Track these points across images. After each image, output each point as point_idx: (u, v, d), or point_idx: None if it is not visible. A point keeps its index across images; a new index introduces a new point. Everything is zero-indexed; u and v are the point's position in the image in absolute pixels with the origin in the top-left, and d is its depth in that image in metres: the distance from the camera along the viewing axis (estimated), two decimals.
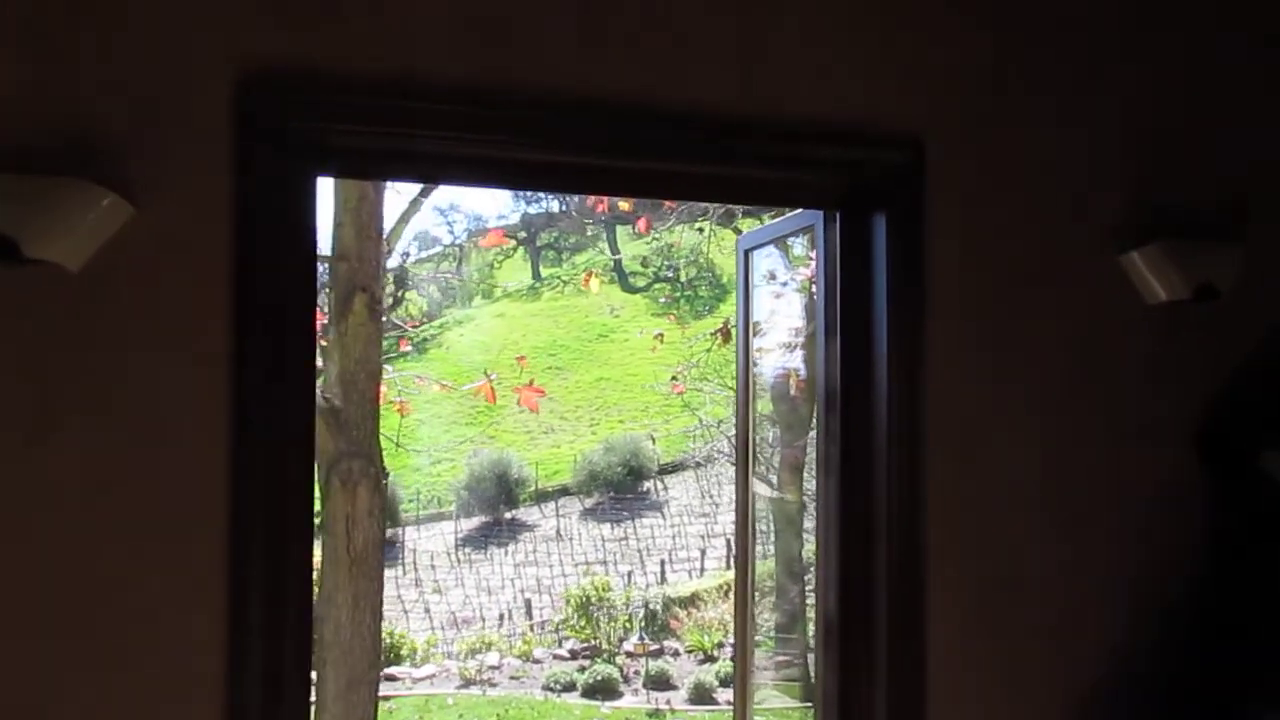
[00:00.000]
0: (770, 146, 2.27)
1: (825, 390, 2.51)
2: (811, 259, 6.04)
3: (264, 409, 1.96)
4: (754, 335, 3.23)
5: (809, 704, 9.81)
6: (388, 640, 13.59)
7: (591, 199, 9.83)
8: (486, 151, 2.07)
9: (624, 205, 10.27)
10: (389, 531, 25.74)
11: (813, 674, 10.37)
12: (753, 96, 2.24)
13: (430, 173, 2.16)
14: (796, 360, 8.55)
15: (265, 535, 1.95)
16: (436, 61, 2.04)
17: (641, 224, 9.04)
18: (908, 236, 2.39)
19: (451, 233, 51.60)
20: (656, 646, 12.94)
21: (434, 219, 54.09)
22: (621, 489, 27.42)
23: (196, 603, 1.94)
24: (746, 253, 3.12)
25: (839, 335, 2.46)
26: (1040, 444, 2.45)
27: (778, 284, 6.77)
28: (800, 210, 2.71)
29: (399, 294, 43.29)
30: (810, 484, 11.15)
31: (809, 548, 14.39)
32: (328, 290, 4.99)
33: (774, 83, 2.26)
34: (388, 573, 23.31)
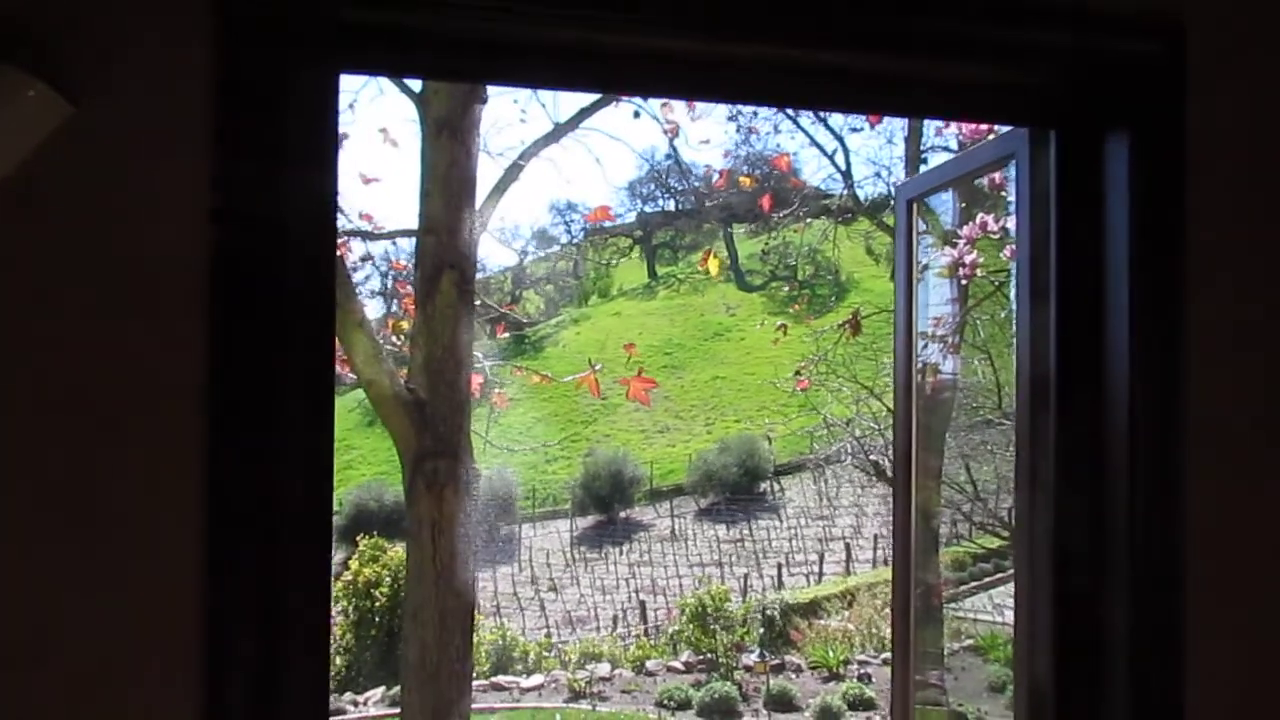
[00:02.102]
0: (960, 29, 1.60)
1: (1030, 379, 1.82)
2: (961, 235, 5.29)
3: (253, 440, 1.41)
4: (916, 310, 2.56)
5: None
6: (499, 641, 13.28)
7: (716, 174, 9.18)
8: (558, 33, 1.46)
9: (745, 181, 9.59)
10: (505, 529, 25.83)
11: (950, 698, 9.52)
12: None
13: (484, 65, 1.57)
14: (933, 355, 7.77)
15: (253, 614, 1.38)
16: None
17: (765, 202, 8.36)
18: (1160, 167, 1.71)
19: (569, 232, 51.84)
20: (777, 661, 12.20)
21: (551, 218, 54.39)
22: (737, 489, 26.88)
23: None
24: (910, 203, 2.44)
25: (1052, 306, 1.78)
26: None
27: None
28: (987, 138, 2.01)
29: (516, 292, 43.79)
30: (948, 492, 10.30)
31: (946, 550, 13.51)
32: (414, 268, 4.51)
33: None
34: (503, 570, 23.44)
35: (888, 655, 11.05)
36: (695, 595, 13.23)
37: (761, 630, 13.05)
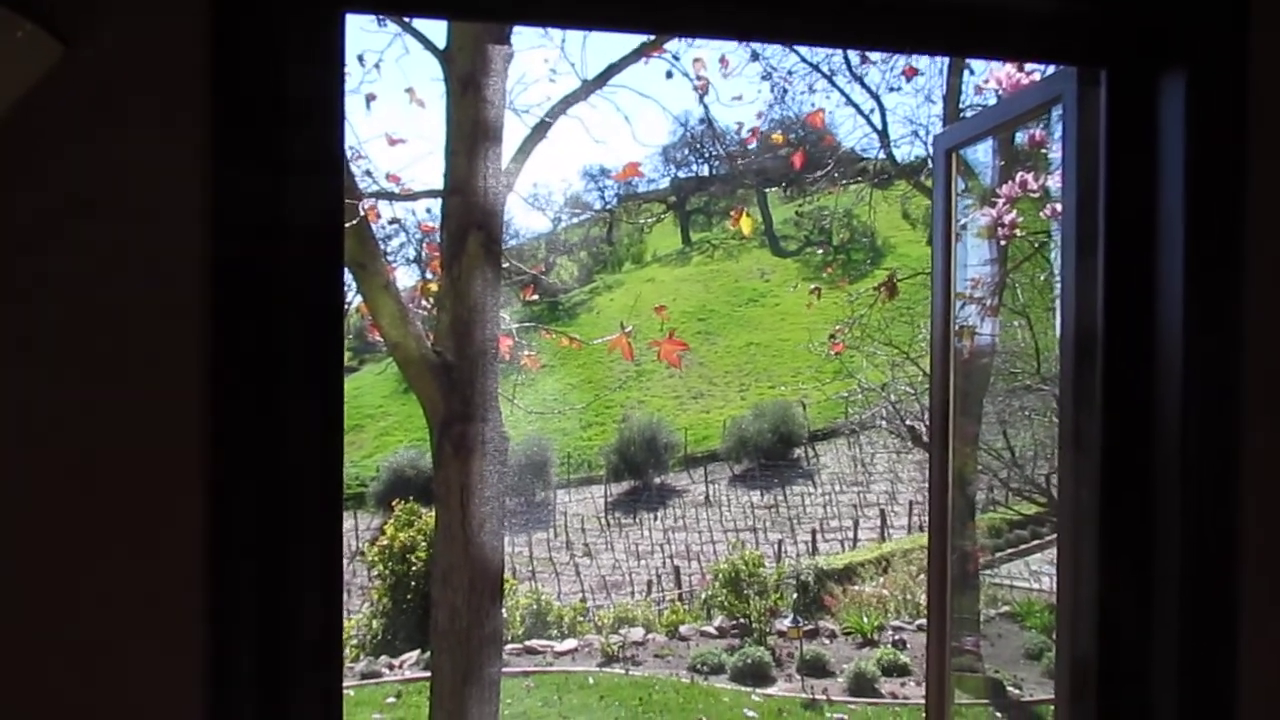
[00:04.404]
0: None
1: (1075, 336, 1.72)
2: (1000, 194, 5.13)
3: (257, 404, 1.35)
4: (955, 269, 2.45)
5: (988, 703, 8.92)
6: (533, 605, 13.35)
7: (747, 132, 9.01)
8: None
9: (777, 138, 9.40)
10: (540, 494, 25.98)
11: (986, 664, 9.44)
12: None
13: (501, 4, 1.47)
14: (971, 317, 7.60)
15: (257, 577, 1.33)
16: None
17: (796, 159, 8.17)
18: (1219, 108, 1.59)
19: (602, 198, 51.59)
20: (811, 626, 12.14)
21: (584, 184, 54.08)
22: (771, 455, 26.80)
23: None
24: (949, 154, 2.32)
25: (1100, 258, 1.67)
26: None
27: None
28: (1034, 81, 1.90)
29: (550, 259, 43.71)
30: (985, 458, 10.15)
31: (982, 517, 13.37)
32: (440, 229, 4.45)
33: None
34: (538, 535, 23.60)
35: (923, 622, 10.99)
36: (729, 560, 13.18)
37: (795, 596, 13.01)
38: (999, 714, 8.92)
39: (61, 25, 1.30)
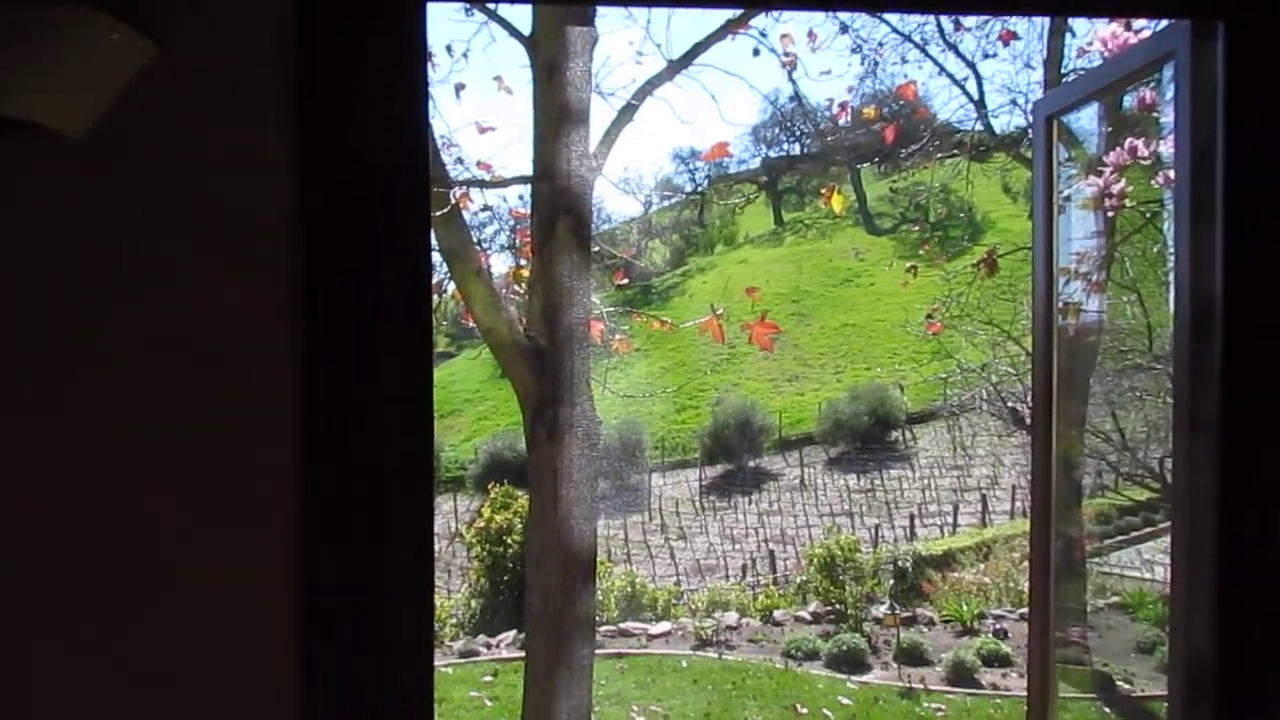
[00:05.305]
0: None
1: (1191, 309, 1.61)
2: (1107, 163, 4.90)
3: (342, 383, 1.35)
4: (1058, 244, 2.33)
5: (1096, 698, 8.60)
6: (628, 588, 13.42)
7: (838, 108, 8.82)
8: None
9: (869, 112, 9.17)
10: (633, 477, 26.11)
11: (1094, 657, 9.11)
12: None
13: None
14: (1076, 294, 7.30)
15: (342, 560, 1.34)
16: None
17: (889, 133, 7.96)
18: None
19: (693, 180, 51.35)
20: (908, 614, 11.91)
21: (675, 166, 53.93)
22: (867, 438, 26.37)
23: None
24: (1049, 120, 2.20)
25: (1218, 225, 1.56)
26: None
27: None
28: (1142, 40, 1.78)
29: (642, 243, 43.77)
30: (1092, 441, 9.78)
31: (1089, 503, 12.91)
32: (530, 215, 4.46)
33: None
34: (633, 519, 23.74)
35: (1025, 611, 10.66)
36: (824, 545, 13.01)
37: (892, 582, 12.77)
38: (1107, 709, 8.59)
39: (153, 26, 1.32)
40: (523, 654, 4.92)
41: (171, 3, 1.35)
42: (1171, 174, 1.69)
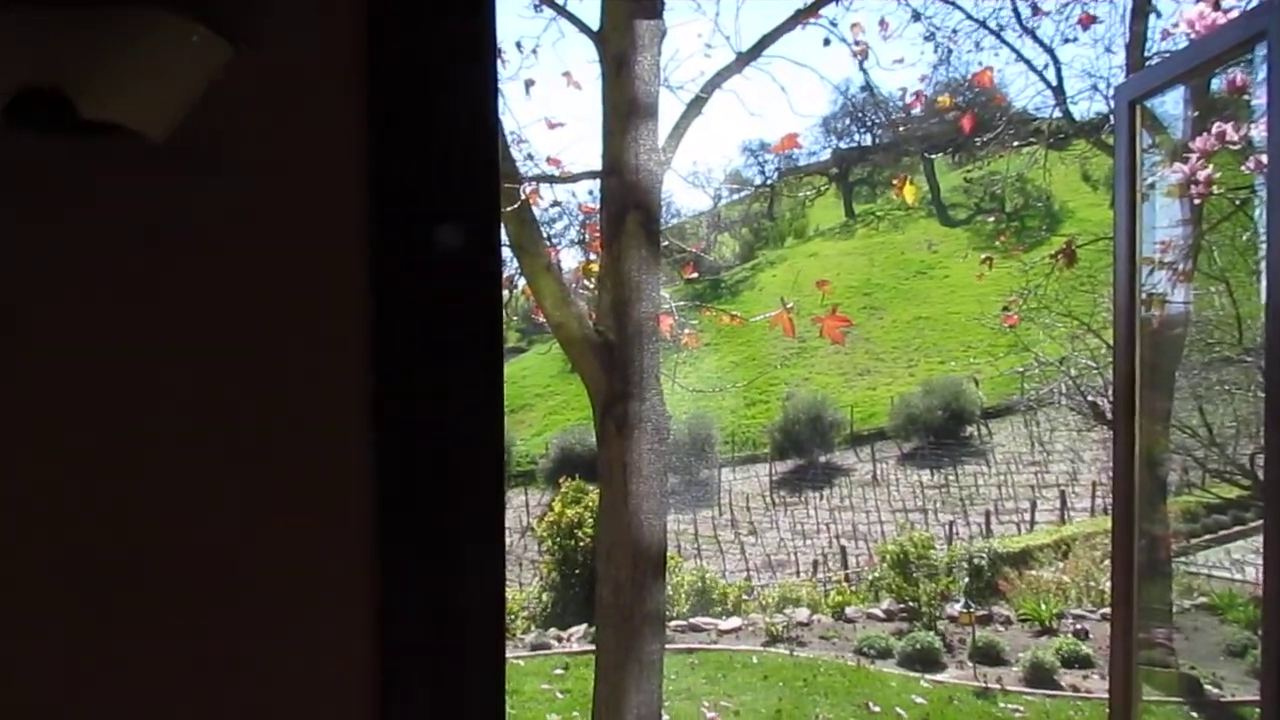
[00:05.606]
0: None
1: None
2: (1193, 148, 4.73)
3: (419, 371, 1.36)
4: (1140, 232, 2.25)
5: (1182, 701, 8.32)
6: (698, 583, 13.41)
7: (911, 97, 8.67)
8: None
9: (943, 101, 9.00)
10: (703, 472, 26.08)
11: (1180, 659, 8.82)
12: None
13: None
14: (1160, 284, 7.06)
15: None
16: None
17: (965, 123, 7.79)
18: None
19: (762, 173, 51.00)
20: (984, 612, 11.67)
21: (744, 159, 53.63)
22: (941, 434, 25.94)
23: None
24: (1132, 105, 2.13)
25: None
26: None
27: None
28: (1231, 19, 1.71)
29: (711, 237, 43.64)
30: (1178, 436, 9.47)
31: (1175, 500, 12.51)
32: (599, 210, 4.47)
33: None
34: (703, 514, 23.71)
35: (1107, 611, 10.37)
36: (897, 542, 12.84)
37: (967, 579, 12.54)
38: (1194, 714, 8.31)
39: (228, 26, 1.34)
40: (593, 648, 4.95)
41: (244, 3, 1.37)
42: (1263, 158, 1.62)
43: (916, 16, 10.13)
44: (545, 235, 5.13)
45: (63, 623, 1.36)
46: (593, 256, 6.44)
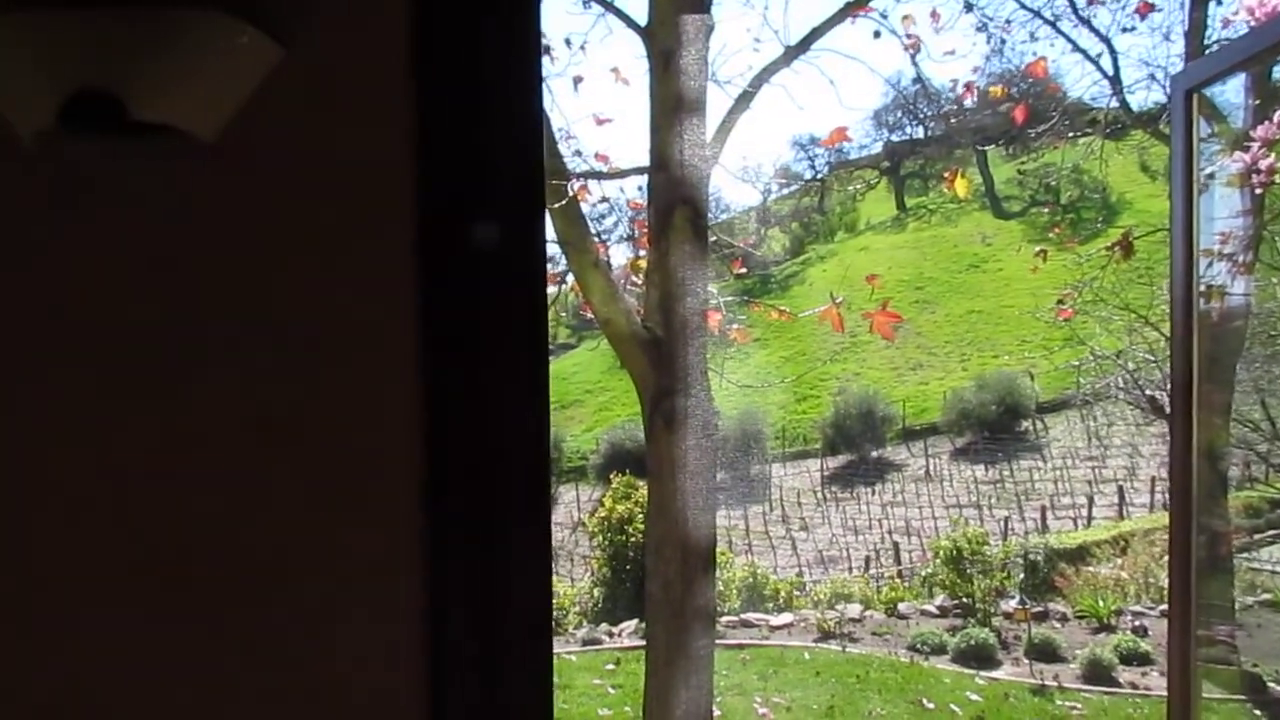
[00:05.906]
0: None
1: None
2: (1255, 137, 4.62)
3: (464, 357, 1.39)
4: (1199, 223, 2.22)
5: (1245, 700, 8.15)
6: (750, 578, 13.39)
7: (963, 88, 8.57)
8: None
9: (995, 91, 8.87)
10: (754, 467, 25.99)
11: (1243, 657, 8.63)
12: None
13: None
14: (1219, 276, 6.90)
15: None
16: None
17: (1019, 113, 7.68)
18: None
19: (812, 167, 50.61)
20: (1040, 608, 11.51)
21: (794, 154, 53.27)
22: (996, 428, 25.57)
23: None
24: (1189, 94, 2.10)
25: None
26: None
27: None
28: None
29: (761, 231, 43.46)
30: (1239, 430, 9.25)
31: (1236, 495, 12.23)
32: (647, 205, 4.49)
33: None
34: (754, 509, 23.64)
35: (1166, 607, 10.16)
36: (950, 537, 12.70)
37: (1023, 575, 12.37)
38: (1258, 711, 8.13)
39: (276, 26, 1.38)
40: (644, 643, 4.98)
41: (292, 4, 1.41)
42: None
43: (969, 7, 10.00)
44: (594, 231, 5.16)
45: (116, 621, 1.41)
46: (641, 252, 6.46)
